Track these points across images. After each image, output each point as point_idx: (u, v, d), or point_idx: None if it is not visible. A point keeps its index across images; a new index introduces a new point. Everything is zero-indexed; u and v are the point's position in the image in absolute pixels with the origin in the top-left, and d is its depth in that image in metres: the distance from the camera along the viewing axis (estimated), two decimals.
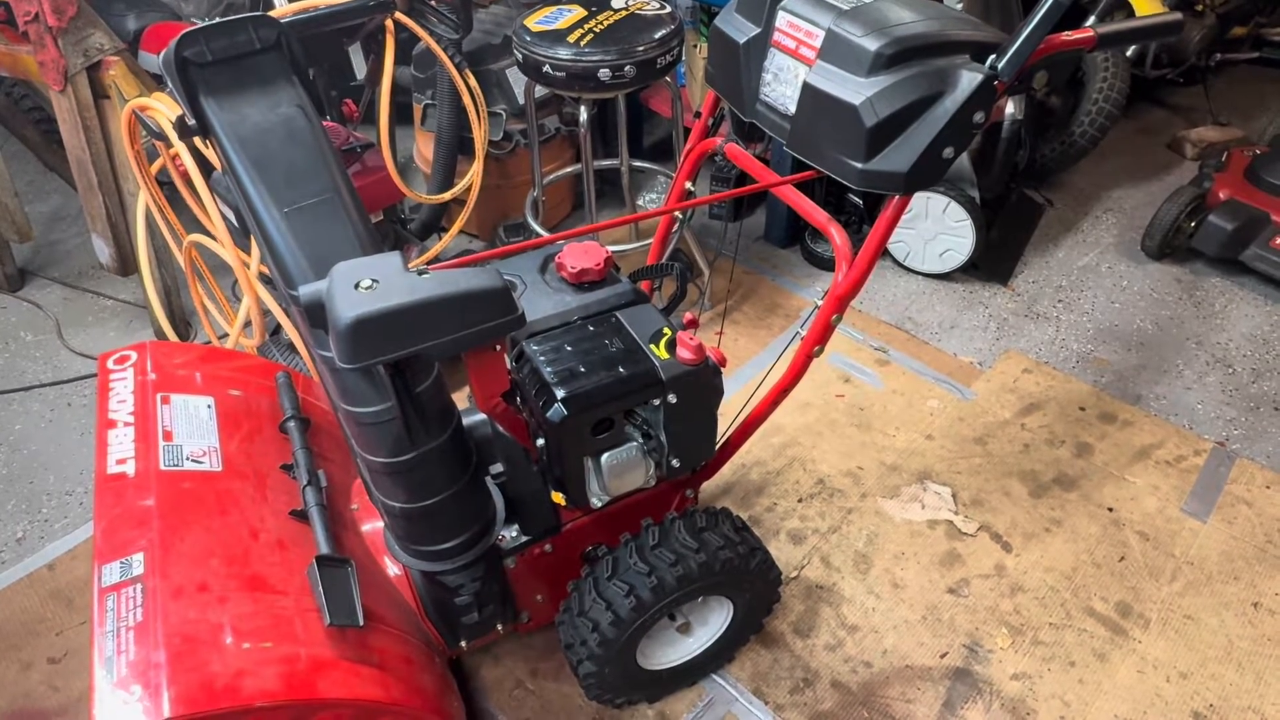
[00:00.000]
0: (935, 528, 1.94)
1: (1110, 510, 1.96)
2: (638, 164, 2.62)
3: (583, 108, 2.05)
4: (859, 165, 1.18)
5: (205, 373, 1.50)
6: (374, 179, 1.92)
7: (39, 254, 2.96)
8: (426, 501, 1.24)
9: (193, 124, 1.15)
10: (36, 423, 2.34)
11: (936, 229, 2.56)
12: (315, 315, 1.07)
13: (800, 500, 2.01)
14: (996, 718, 1.59)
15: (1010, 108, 2.63)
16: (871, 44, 1.14)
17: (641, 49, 1.94)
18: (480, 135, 1.99)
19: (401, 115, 2.92)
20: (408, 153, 3.13)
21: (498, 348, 1.21)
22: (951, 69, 1.14)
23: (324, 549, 1.24)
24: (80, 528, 2.03)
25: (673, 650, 1.58)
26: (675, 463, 1.34)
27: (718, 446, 1.51)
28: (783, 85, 1.31)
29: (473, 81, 2.02)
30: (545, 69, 1.96)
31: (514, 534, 1.44)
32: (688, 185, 1.64)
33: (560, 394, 1.20)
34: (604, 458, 1.29)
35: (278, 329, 2.12)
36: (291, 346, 2.06)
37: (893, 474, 2.06)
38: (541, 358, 1.25)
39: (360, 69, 3.21)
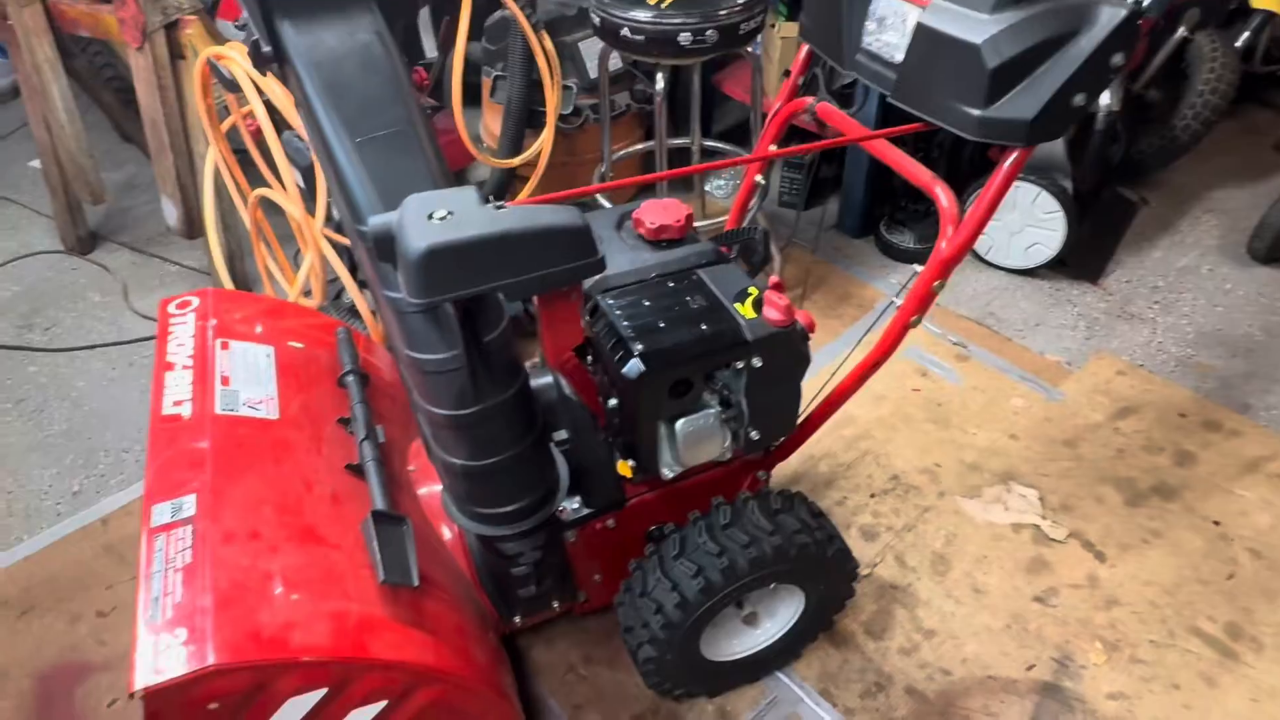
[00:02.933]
0: (1020, 531, 1.80)
1: (1217, 524, 1.80)
2: (709, 144, 2.53)
3: (659, 75, 1.97)
4: (977, 113, 1.07)
5: (266, 324, 1.45)
6: (442, 141, 1.86)
7: (110, 219, 2.99)
8: (488, 460, 1.16)
9: (268, 50, 1.10)
10: (99, 381, 2.34)
11: (1024, 221, 2.41)
12: (384, 248, 1.00)
13: (873, 495, 1.89)
14: None
15: (1106, 98, 2.47)
16: None
17: (724, 13, 1.85)
18: (553, 98, 1.92)
19: (469, 98, 2.89)
20: (474, 131, 3.10)
21: (574, 296, 1.13)
22: (1089, 3, 1.02)
23: (379, 505, 1.18)
24: (135, 484, 2.01)
25: (738, 642, 1.48)
26: (754, 435, 1.24)
27: (799, 421, 1.42)
28: (889, 32, 1.21)
29: (548, 44, 1.95)
30: (623, 32, 1.88)
31: (575, 506, 1.36)
32: (772, 148, 1.55)
33: (638, 349, 1.11)
34: (679, 424, 1.20)
35: (339, 294, 2.08)
36: (353, 310, 2.02)
37: (973, 473, 1.92)
38: (618, 312, 1.17)
39: (430, 49, 3.19)
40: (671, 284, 1.22)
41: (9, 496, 2.01)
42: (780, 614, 1.48)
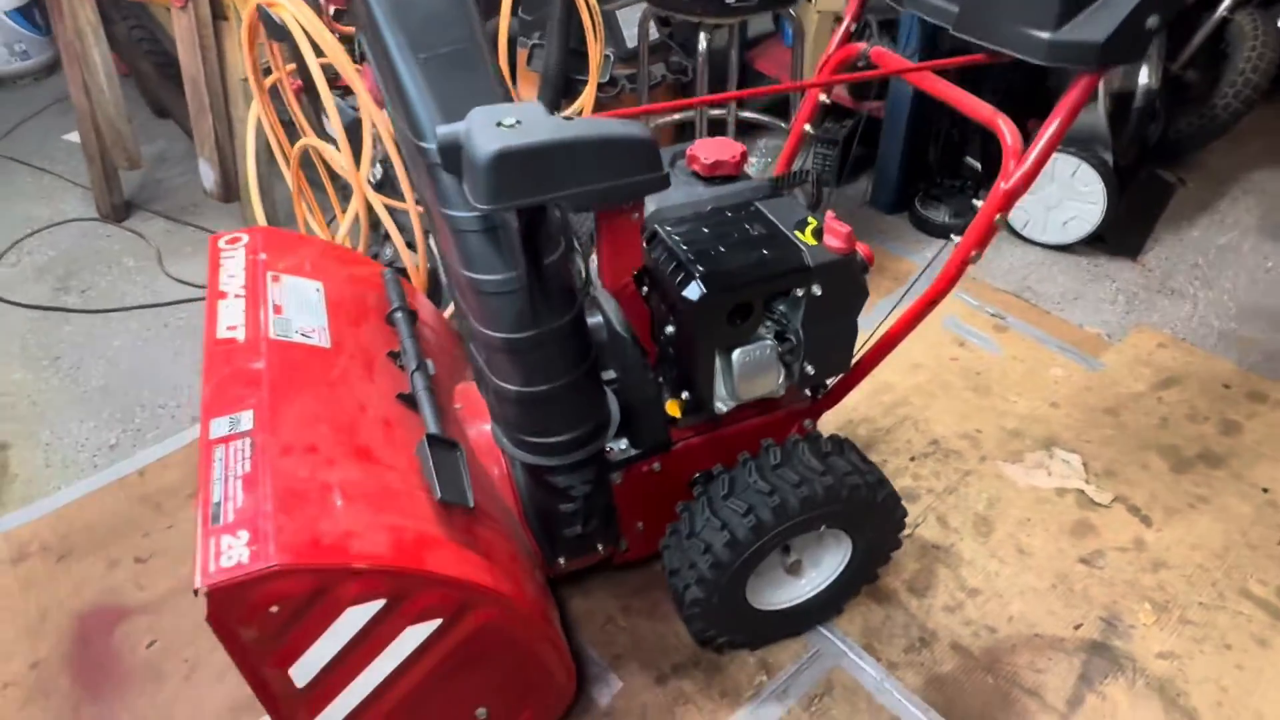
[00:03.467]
0: (1064, 495, 1.77)
1: (1265, 491, 1.77)
2: (746, 115, 2.52)
3: (702, 35, 1.97)
4: (1046, 35, 1.06)
5: (314, 262, 1.45)
6: None
7: (144, 189, 3.01)
8: (542, 387, 1.15)
9: None
10: (134, 340, 2.35)
11: (1062, 194, 2.39)
12: (450, 158, 1.00)
13: (912, 459, 1.87)
14: (1142, 696, 1.43)
15: (1144, 77, 2.45)
16: None
17: None
18: (596, 54, 1.91)
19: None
20: None
21: (635, 215, 1.12)
22: None
23: (433, 429, 1.17)
24: (171, 438, 2.01)
25: (782, 592, 1.46)
26: (809, 369, 1.23)
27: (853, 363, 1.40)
28: None
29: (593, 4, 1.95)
30: None
31: (623, 447, 1.35)
32: (822, 97, 1.54)
33: (699, 270, 1.10)
34: (736, 354, 1.19)
35: (375, 256, 2.08)
36: (392, 265, 2.01)
37: (1014, 439, 1.90)
38: (677, 238, 1.16)
39: None
40: (730, 214, 1.21)
41: (47, 449, 2.02)
42: (826, 563, 1.46)
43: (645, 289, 1.22)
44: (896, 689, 1.44)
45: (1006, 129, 1.18)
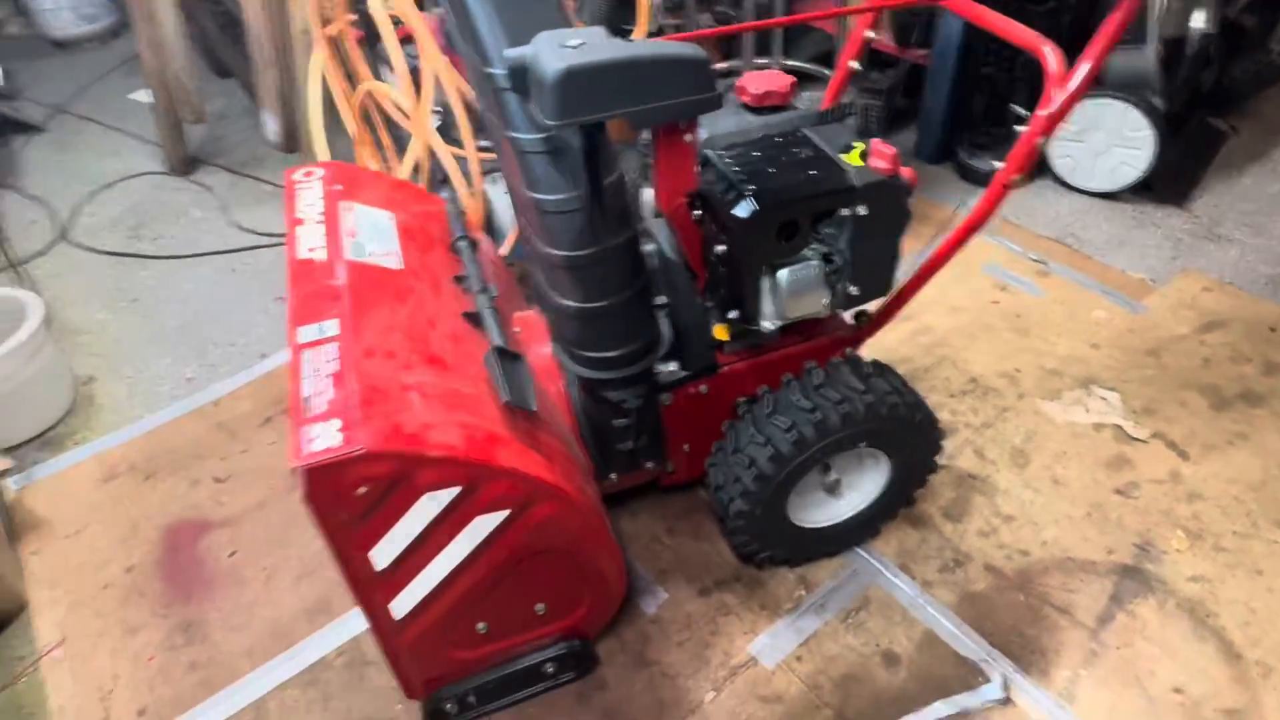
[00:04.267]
0: (1102, 430, 1.81)
1: None
2: (792, 63, 2.55)
3: None
4: None
5: (384, 194, 1.54)
6: None
7: (207, 144, 3.14)
8: (600, 302, 1.23)
9: None
10: (206, 284, 2.48)
11: (1110, 140, 2.38)
12: (518, 79, 1.07)
13: (951, 395, 1.91)
14: (1172, 615, 1.47)
15: (1199, 21, 2.42)
16: None
17: None
18: (645, 2, 1.96)
19: None
20: None
21: (690, 138, 1.18)
22: None
23: (495, 341, 1.25)
24: (242, 372, 2.14)
25: (822, 512, 1.53)
26: (853, 290, 1.29)
27: (893, 293, 1.45)
28: None
29: None
30: None
31: (672, 369, 1.42)
32: (869, 33, 1.57)
33: (750, 189, 1.16)
34: (783, 273, 1.25)
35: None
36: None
37: (1053, 378, 1.94)
38: (729, 160, 1.22)
39: None
40: (779, 140, 1.27)
41: (129, 382, 2.16)
42: (864, 485, 1.52)
43: (698, 212, 1.28)
44: (931, 604, 1.51)
45: (1051, 53, 1.21)
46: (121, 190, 2.95)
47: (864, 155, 1.20)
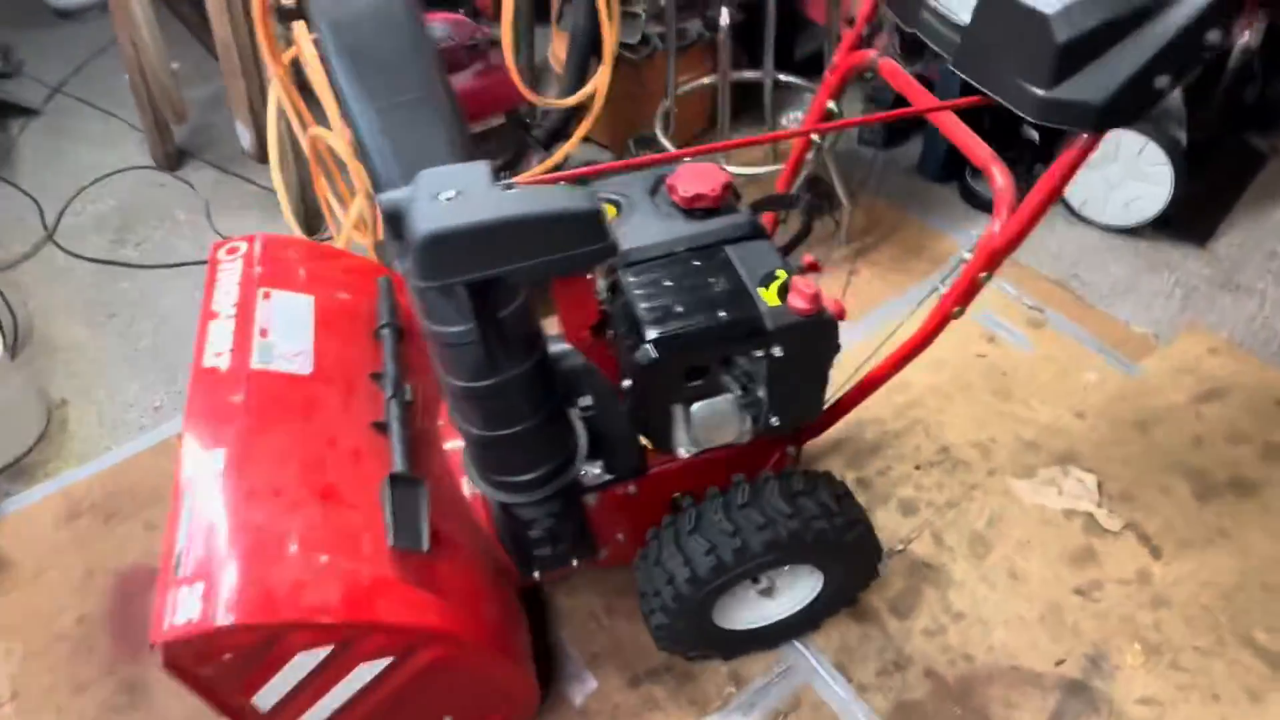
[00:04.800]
0: (1072, 519, 1.71)
1: None
2: (783, 77, 2.38)
3: (724, 9, 1.85)
4: (1040, 92, 0.96)
5: (311, 270, 1.48)
6: (494, 79, 1.82)
7: (196, 135, 3.09)
8: (504, 431, 1.18)
9: (289, 3, 1.08)
10: (183, 299, 2.47)
11: (1126, 174, 2.19)
12: (394, 225, 0.99)
13: (918, 467, 1.83)
14: None
15: (1246, 35, 2.18)
16: None
17: None
18: (610, 35, 1.83)
19: (542, 12, 2.79)
20: (544, 54, 3.01)
21: (589, 275, 1.10)
22: None
23: (398, 466, 1.21)
24: None
25: (752, 613, 1.48)
26: (774, 421, 1.21)
27: (828, 406, 1.37)
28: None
29: None
30: None
31: (597, 471, 1.37)
32: (830, 105, 1.44)
33: (651, 335, 1.08)
34: (695, 407, 1.17)
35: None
36: None
37: (1029, 451, 1.83)
38: (637, 290, 1.13)
39: None
40: (697, 262, 1.17)
41: (101, 407, 2.18)
42: (798, 590, 1.47)
43: (610, 333, 1.20)
44: (864, 712, 1.47)
45: (999, 176, 1.09)
46: (110, 186, 2.93)
47: (784, 290, 1.10)
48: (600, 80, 1.88)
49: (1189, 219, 2.26)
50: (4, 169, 3.05)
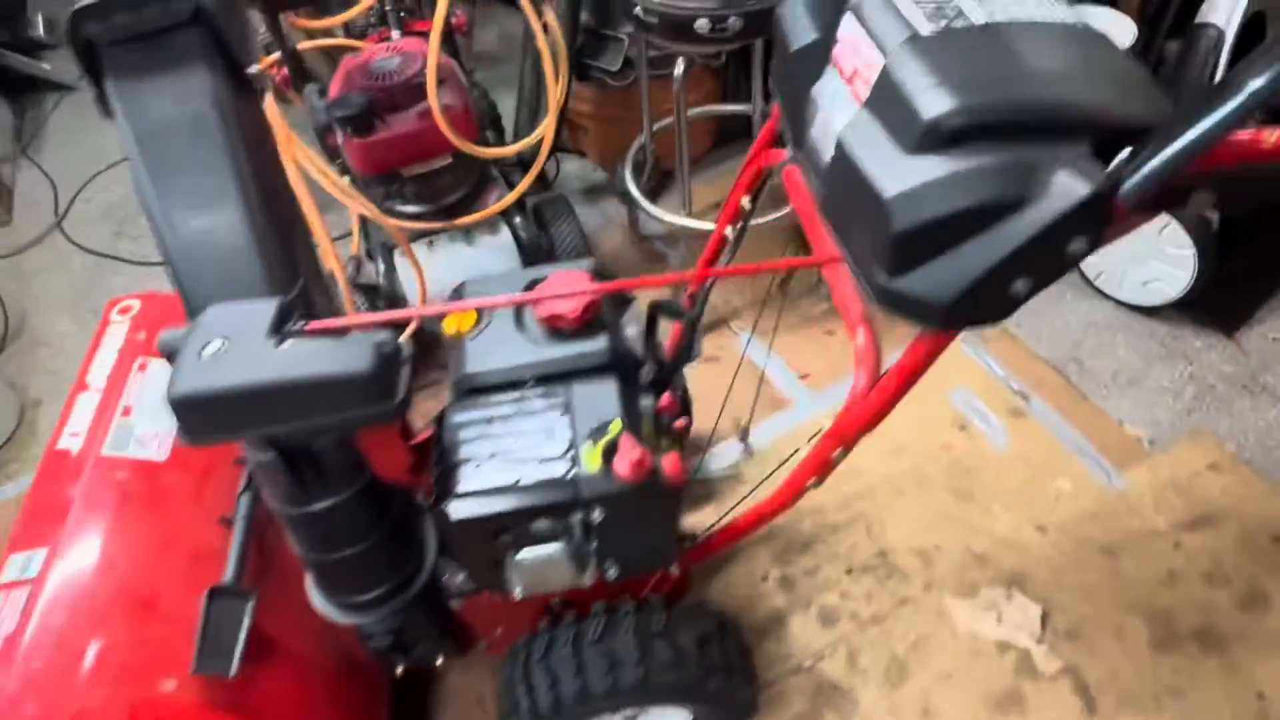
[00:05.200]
0: (1005, 653, 1.56)
1: (1261, 698, 1.47)
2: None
3: (680, 61, 1.69)
4: (882, 279, 0.81)
5: None
6: (431, 124, 1.72)
7: None
8: (329, 556, 1.12)
9: (100, 106, 1.01)
10: None
11: (1145, 250, 1.95)
12: (172, 360, 0.93)
13: (849, 571, 1.69)
14: None
15: None
16: (929, 106, 0.74)
17: None
18: (556, 91, 1.70)
19: None
20: None
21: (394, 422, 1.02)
22: (1046, 165, 0.72)
23: (227, 576, 1.17)
24: None
25: None
26: (612, 573, 1.11)
27: (702, 540, 1.27)
28: (819, 126, 0.93)
29: (553, 24, 1.71)
30: (636, 10, 1.61)
31: (460, 579, 1.30)
32: (744, 201, 1.30)
33: (455, 491, 1.00)
34: (520, 555, 1.08)
35: (359, 266, 2.04)
36: (369, 289, 1.98)
37: (976, 566, 1.67)
38: (456, 435, 1.05)
39: None
40: (536, 400, 1.07)
41: None
42: (669, 718, 1.38)
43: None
44: None
45: (863, 338, 0.95)
46: (121, 172, 2.98)
47: (609, 451, 0.99)
48: (546, 130, 1.76)
49: (1217, 303, 2.00)
50: (31, 146, 3.16)
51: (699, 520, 1.70)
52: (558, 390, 1.08)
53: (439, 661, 1.41)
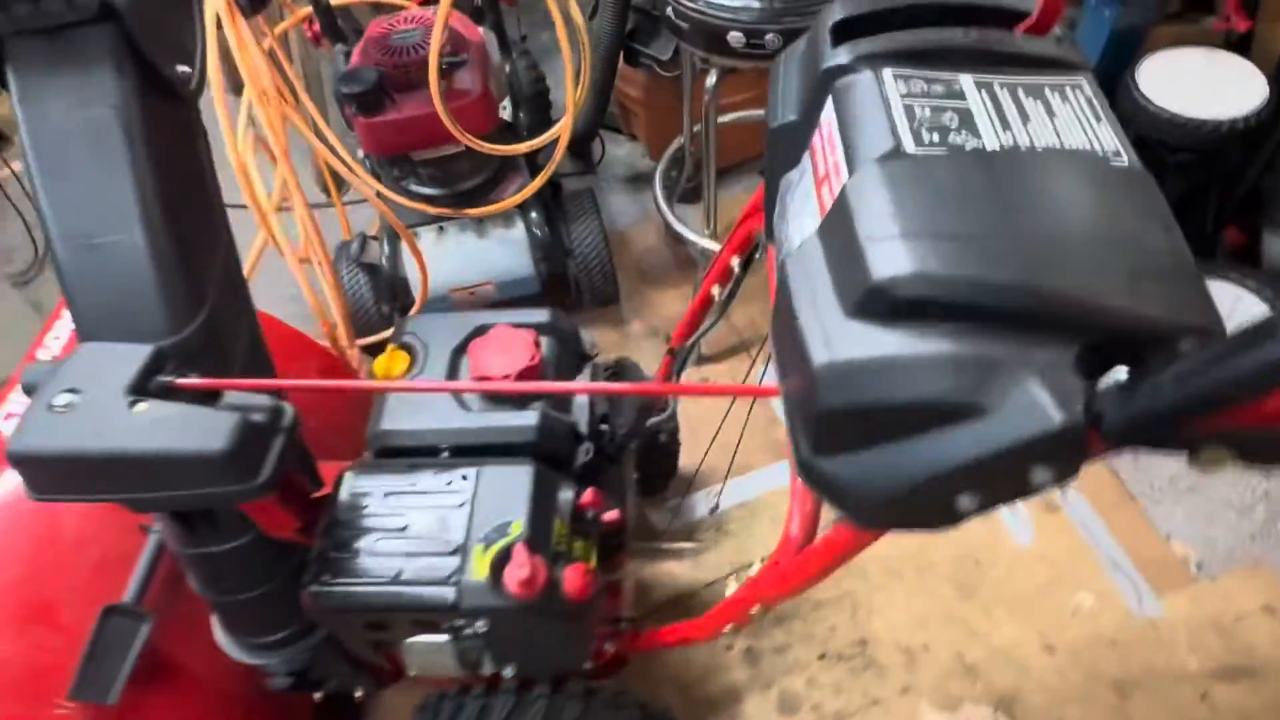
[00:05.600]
0: None
1: None
2: None
3: (713, 71, 1.51)
4: (804, 451, 0.65)
5: None
6: (453, 106, 1.57)
7: None
8: (224, 598, 1.06)
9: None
10: None
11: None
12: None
13: (822, 656, 1.55)
14: None
15: None
16: (881, 263, 0.57)
17: (802, 8, 1.33)
18: (574, 93, 1.54)
19: None
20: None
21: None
22: (1012, 370, 0.54)
23: (128, 595, 1.12)
24: None
25: None
26: (508, 673, 1.01)
27: (622, 637, 1.15)
28: (793, 224, 0.76)
29: (576, 17, 1.54)
30: (669, 11, 1.43)
31: None
32: (733, 263, 1.13)
33: (331, 570, 0.90)
34: (408, 640, 0.99)
35: (364, 242, 1.94)
36: (371, 269, 1.89)
37: (964, 677, 1.50)
38: (347, 503, 0.95)
39: None
40: (442, 477, 0.95)
41: None
42: None
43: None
44: None
45: (798, 512, 0.80)
46: None
47: (499, 561, 0.87)
48: (562, 130, 1.61)
49: None
50: None
51: (664, 574, 1.59)
52: (469, 470, 0.96)
53: (358, 693, 1.36)
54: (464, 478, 0.94)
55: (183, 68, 0.96)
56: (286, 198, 1.52)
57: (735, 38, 1.35)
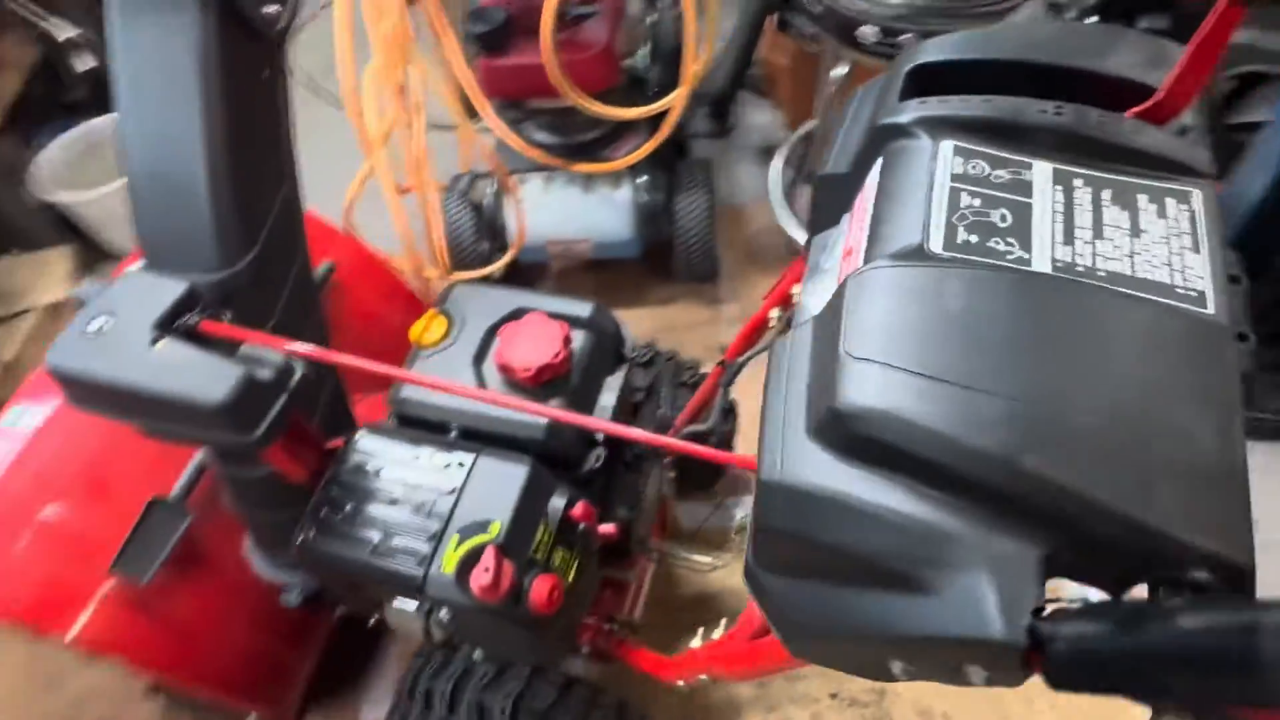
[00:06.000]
0: None
1: None
2: None
3: (842, 63, 1.37)
4: (750, 553, 0.59)
5: None
6: (571, 59, 1.53)
7: None
8: (248, 516, 1.13)
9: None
10: None
11: None
12: None
13: (834, 696, 1.48)
14: None
15: None
16: (848, 387, 0.49)
17: (952, 10, 1.17)
18: (692, 61, 1.44)
19: None
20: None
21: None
22: (963, 552, 0.46)
23: (174, 492, 1.21)
24: None
25: None
26: (476, 656, 1.02)
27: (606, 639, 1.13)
28: (811, 296, 0.68)
29: None
30: None
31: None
32: (794, 290, 1.04)
33: (303, 533, 0.93)
34: (391, 601, 1.01)
35: (473, 179, 1.95)
36: (475, 207, 1.90)
37: None
38: (351, 462, 0.96)
39: None
40: (441, 456, 0.95)
41: None
42: None
43: None
44: None
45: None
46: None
47: (467, 561, 0.86)
48: (678, 99, 1.52)
49: None
50: None
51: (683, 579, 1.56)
52: (466, 458, 0.95)
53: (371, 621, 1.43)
54: (460, 464, 0.94)
55: (271, 8, 0.96)
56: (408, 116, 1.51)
57: (867, 33, 1.21)
